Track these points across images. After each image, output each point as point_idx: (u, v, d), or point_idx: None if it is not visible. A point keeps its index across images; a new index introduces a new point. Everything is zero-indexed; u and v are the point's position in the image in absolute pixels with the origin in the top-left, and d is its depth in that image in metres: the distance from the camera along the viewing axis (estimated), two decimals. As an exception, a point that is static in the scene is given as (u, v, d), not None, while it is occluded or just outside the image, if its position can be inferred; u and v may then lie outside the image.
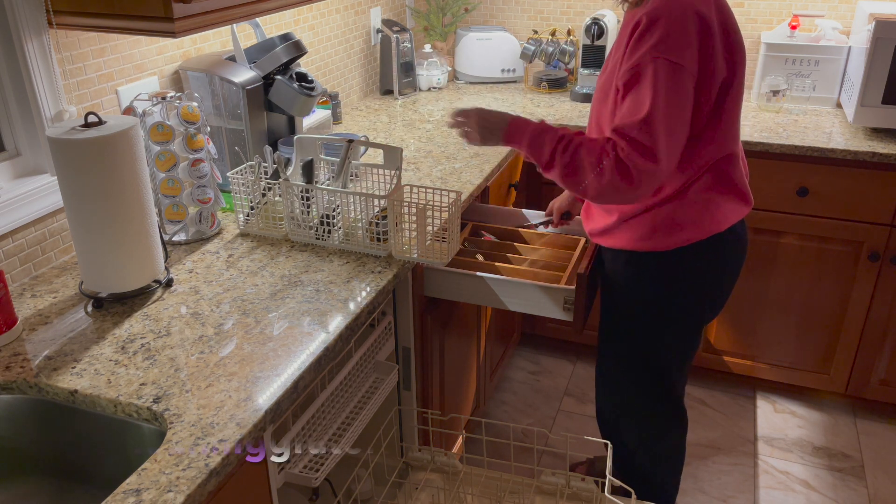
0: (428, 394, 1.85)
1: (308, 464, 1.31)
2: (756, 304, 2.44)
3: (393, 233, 1.54)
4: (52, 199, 1.50)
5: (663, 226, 1.53)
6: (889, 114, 2.21)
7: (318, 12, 2.39)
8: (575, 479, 1.57)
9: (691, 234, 1.53)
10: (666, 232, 1.53)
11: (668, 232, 1.53)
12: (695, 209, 1.51)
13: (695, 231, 1.53)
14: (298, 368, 1.18)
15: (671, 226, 1.52)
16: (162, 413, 1.08)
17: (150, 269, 1.39)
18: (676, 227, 1.52)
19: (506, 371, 2.77)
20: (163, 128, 1.54)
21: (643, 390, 1.75)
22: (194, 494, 0.94)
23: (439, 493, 1.59)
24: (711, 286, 1.63)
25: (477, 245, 1.94)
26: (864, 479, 2.26)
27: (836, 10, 2.60)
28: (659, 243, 1.55)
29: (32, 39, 1.42)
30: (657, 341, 1.68)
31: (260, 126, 1.84)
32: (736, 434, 2.45)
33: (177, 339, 1.27)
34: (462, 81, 3.01)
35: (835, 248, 2.28)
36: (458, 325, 2.01)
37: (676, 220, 1.52)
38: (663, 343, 1.68)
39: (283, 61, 1.83)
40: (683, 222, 1.52)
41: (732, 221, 1.56)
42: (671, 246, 1.55)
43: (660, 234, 1.54)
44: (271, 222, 1.65)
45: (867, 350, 2.36)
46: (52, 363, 1.20)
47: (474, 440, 2.26)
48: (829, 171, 2.19)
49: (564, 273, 1.74)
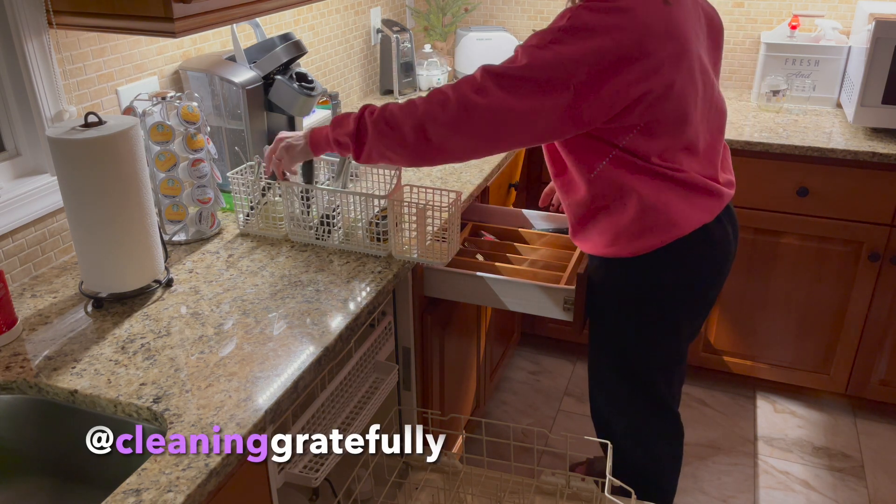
0: (428, 394, 1.85)
1: (308, 464, 1.31)
2: (756, 304, 2.44)
3: (393, 233, 1.54)
4: (52, 199, 1.50)
5: (626, 233, 1.50)
6: (889, 114, 2.21)
7: (318, 12, 2.39)
8: (575, 479, 1.57)
9: (652, 241, 1.49)
10: (628, 239, 1.50)
11: (630, 239, 1.50)
12: (652, 214, 1.47)
13: (655, 237, 1.49)
14: (298, 368, 1.18)
15: (633, 232, 1.49)
16: (162, 413, 1.08)
17: (150, 269, 1.39)
18: (637, 233, 1.49)
19: (506, 371, 2.77)
20: (163, 128, 1.54)
21: (630, 391, 1.72)
22: (194, 494, 0.94)
23: (439, 493, 1.59)
24: (683, 291, 1.57)
25: (477, 245, 1.94)
26: (864, 479, 2.26)
27: (836, 10, 2.60)
28: (623, 250, 1.52)
29: (32, 39, 1.42)
30: (634, 346, 1.65)
31: (260, 126, 1.84)
32: (736, 434, 2.45)
33: (177, 339, 1.26)
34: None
35: (835, 248, 2.28)
36: (458, 325, 2.01)
37: (637, 227, 1.48)
38: (639, 348, 1.64)
39: (283, 61, 1.83)
40: (643, 229, 1.48)
41: (698, 222, 1.50)
42: (635, 252, 1.51)
43: (623, 241, 1.51)
44: (271, 222, 1.65)
45: (867, 350, 2.36)
46: (52, 363, 1.20)
47: (474, 440, 2.26)
48: (829, 171, 2.19)
49: (564, 273, 1.74)
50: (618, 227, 1.50)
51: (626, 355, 1.67)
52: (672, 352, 1.67)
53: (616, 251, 1.53)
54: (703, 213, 1.50)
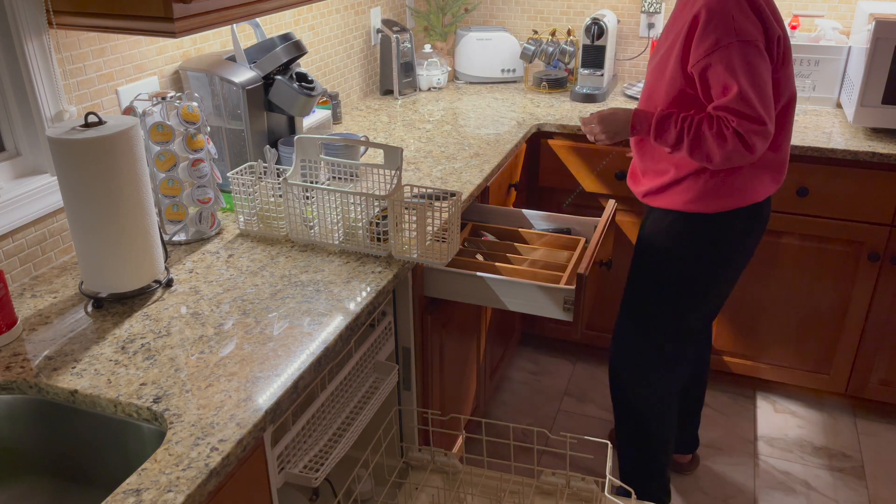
0: (428, 394, 1.85)
1: (308, 464, 1.31)
2: (756, 304, 2.44)
3: (393, 233, 1.54)
4: (52, 199, 1.50)
5: (713, 191, 1.70)
6: (889, 114, 2.21)
7: (318, 12, 2.39)
8: (575, 480, 1.57)
9: (736, 201, 1.71)
10: (714, 196, 1.71)
11: (715, 197, 1.71)
12: (741, 179, 1.69)
13: (739, 198, 1.71)
14: (298, 368, 1.18)
15: (719, 192, 1.70)
16: (162, 413, 1.08)
17: (150, 269, 1.39)
18: (724, 193, 1.70)
19: (506, 371, 2.77)
20: (163, 128, 1.54)
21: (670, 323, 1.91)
22: (194, 494, 0.94)
23: (439, 493, 1.59)
24: (743, 252, 1.82)
25: (477, 245, 1.94)
26: (864, 479, 2.26)
27: (836, 10, 2.60)
28: (708, 206, 1.72)
29: (32, 39, 1.42)
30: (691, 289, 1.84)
31: (260, 126, 1.84)
32: (736, 434, 2.45)
33: (177, 339, 1.27)
34: (462, 81, 3.01)
35: (835, 249, 2.28)
36: (458, 325, 2.01)
37: (724, 187, 1.70)
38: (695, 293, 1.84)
39: (283, 61, 1.83)
40: (731, 190, 1.70)
41: (768, 194, 1.75)
42: (717, 209, 1.72)
43: (709, 199, 1.71)
44: (271, 222, 1.65)
45: (867, 350, 2.36)
46: (52, 363, 1.20)
47: (474, 440, 2.26)
48: (829, 171, 2.19)
49: (564, 273, 1.74)
50: (706, 186, 1.71)
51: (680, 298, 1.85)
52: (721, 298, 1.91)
53: (701, 207, 1.73)
54: (772, 185, 1.75)
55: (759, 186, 1.73)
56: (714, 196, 1.72)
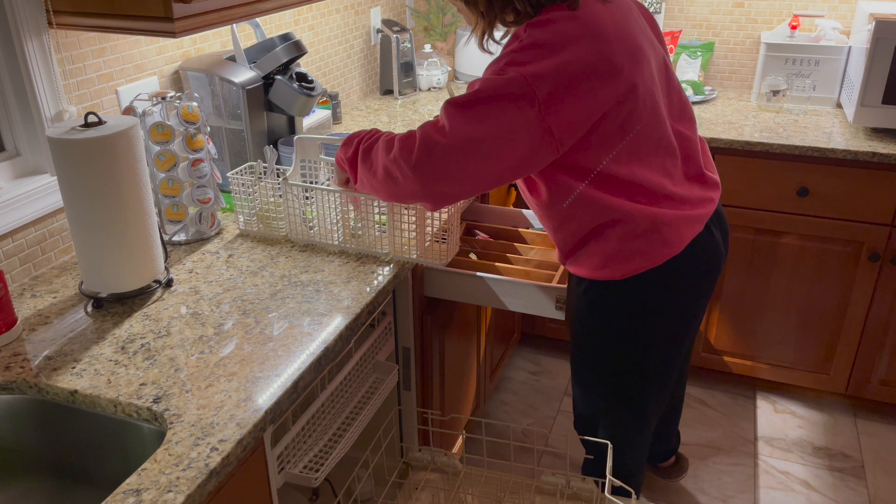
0: (428, 394, 1.85)
1: (308, 464, 1.31)
2: (756, 304, 2.44)
3: (393, 233, 1.55)
4: (52, 199, 1.50)
5: (616, 255, 1.44)
6: (889, 114, 2.21)
7: (318, 12, 2.39)
8: (575, 480, 1.57)
9: (646, 262, 1.45)
10: (619, 261, 1.45)
11: (621, 261, 1.45)
12: (644, 237, 1.42)
13: (648, 258, 1.44)
14: (298, 368, 1.18)
15: (624, 254, 1.44)
16: (162, 413, 1.08)
17: (150, 269, 1.39)
18: (629, 255, 1.44)
19: (506, 371, 2.77)
20: (163, 128, 1.54)
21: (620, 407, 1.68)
22: (194, 494, 0.94)
23: (439, 493, 1.59)
24: (677, 308, 1.54)
25: (470, 244, 1.94)
26: (864, 479, 2.26)
27: (836, 10, 2.60)
28: (615, 272, 1.47)
29: (32, 39, 1.42)
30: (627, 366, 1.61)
31: (260, 126, 1.84)
32: (736, 434, 2.45)
33: (177, 340, 1.27)
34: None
35: (835, 248, 2.28)
36: (458, 326, 2.01)
37: (628, 248, 1.43)
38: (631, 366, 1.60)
39: (283, 61, 1.83)
40: (634, 250, 1.43)
41: (689, 236, 1.46)
42: (627, 274, 1.46)
43: (614, 264, 1.46)
44: (271, 222, 1.65)
45: (867, 350, 2.37)
46: (52, 363, 1.20)
47: (474, 440, 2.26)
48: (829, 171, 2.19)
49: (557, 272, 1.75)
50: (606, 252, 1.45)
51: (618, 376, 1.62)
52: (669, 365, 1.63)
53: (608, 274, 1.48)
54: (694, 226, 1.47)
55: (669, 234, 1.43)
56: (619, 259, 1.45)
